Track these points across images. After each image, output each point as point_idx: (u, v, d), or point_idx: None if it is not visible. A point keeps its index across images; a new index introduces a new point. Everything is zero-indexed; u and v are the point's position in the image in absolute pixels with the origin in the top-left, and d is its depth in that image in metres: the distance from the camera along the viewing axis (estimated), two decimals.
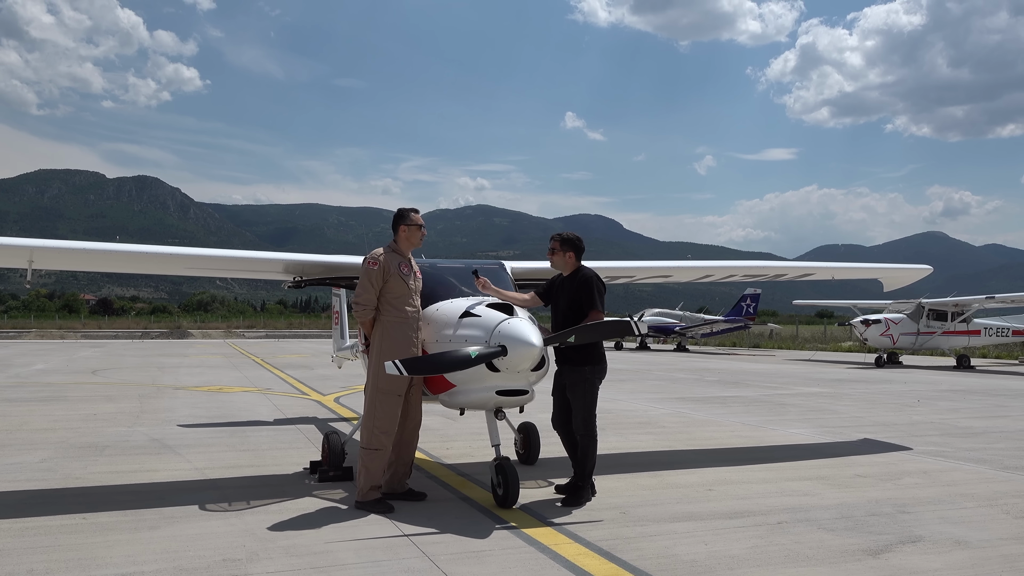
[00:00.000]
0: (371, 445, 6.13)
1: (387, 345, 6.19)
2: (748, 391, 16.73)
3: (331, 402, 14.19)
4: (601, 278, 6.62)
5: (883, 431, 10.63)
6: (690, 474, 7.57)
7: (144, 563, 4.75)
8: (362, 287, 6.28)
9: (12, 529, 5.49)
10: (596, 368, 6.48)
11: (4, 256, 7.98)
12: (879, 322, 26.88)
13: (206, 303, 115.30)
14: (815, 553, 5.04)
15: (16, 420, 11.31)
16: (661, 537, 5.37)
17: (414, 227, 6.51)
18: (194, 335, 57.98)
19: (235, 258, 8.57)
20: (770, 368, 25.16)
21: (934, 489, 6.98)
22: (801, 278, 11.32)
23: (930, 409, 13.48)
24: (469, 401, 6.07)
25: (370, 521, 5.74)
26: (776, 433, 10.48)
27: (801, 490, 6.88)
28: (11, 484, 7.04)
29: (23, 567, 4.66)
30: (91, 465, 7.92)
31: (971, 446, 9.43)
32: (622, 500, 6.43)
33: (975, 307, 26.97)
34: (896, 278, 12.16)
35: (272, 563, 4.75)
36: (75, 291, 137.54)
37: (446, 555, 4.92)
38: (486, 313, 6.02)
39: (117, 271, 9.64)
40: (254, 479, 7.34)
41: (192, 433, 10.19)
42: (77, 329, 61.79)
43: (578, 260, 6.73)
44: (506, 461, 6.09)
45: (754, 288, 40.39)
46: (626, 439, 9.81)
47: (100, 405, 13.31)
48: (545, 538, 5.31)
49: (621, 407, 13.29)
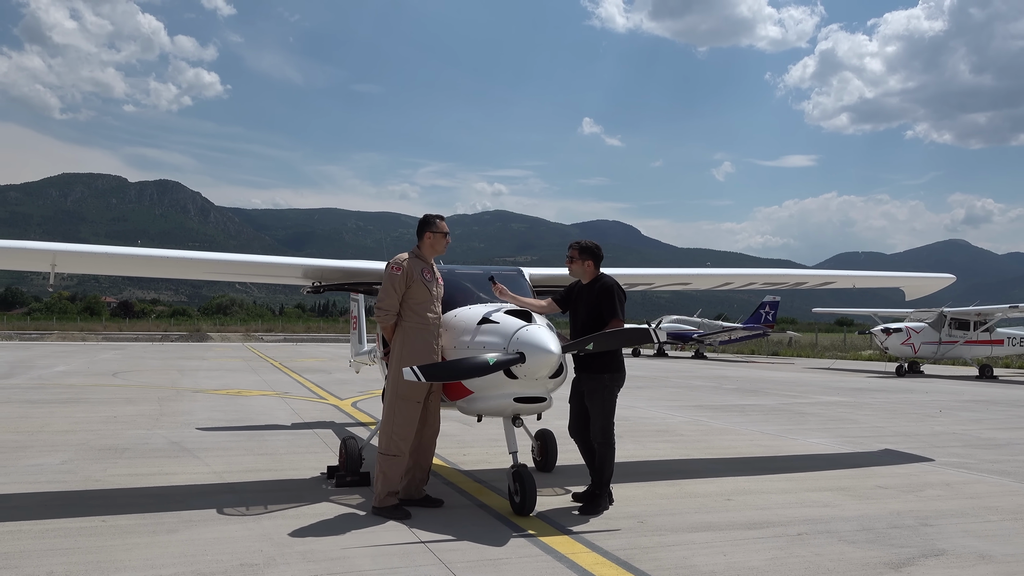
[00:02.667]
0: (389, 451, 6.13)
1: (407, 351, 6.18)
2: (767, 400, 16.60)
3: (349, 407, 14.22)
4: (621, 286, 6.60)
5: (904, 442, 10.51)
6: (708, 483, 7.51)
7: (162, 566, 4.77)
8: (385, 292, 6.29)
9: (32, 531, 5.54)
10: (615, 376, 6.45)
11: (28, 260, 8.08)
12: (900, 331, 26.62)
13: (225, 307, 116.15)
14: (836, 566, 4.98)
15: (37, 422, 11.42)
16: (679, 547, 5.33)
17: (439, 234, 6.51)
18: (213, 338, 58.38)
19: (255, 263, 8.64)
20: (789, 376, 24.96)
21: (957, 501, 6.89)
22: (822, 286, 11.21)
23: (952, 420, 13.32)
24: (487, 408, 6.06)
25: (387, 527, 5.74)
26: (795, 443, 10.38)
27: (821, 501, 6.81)
28: (32, 486, 7.10)
29: (43, 569, 4.69)
30: (111, 467, 7.98)
31: (995, 458, 9.30)
32: (640, 509, 6.39)
33: (998, 316, 26.63)
34: (918, 287, 12.03)
35: (289, 568, 4.76)
36: (97, 294, 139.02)
37: (463, 562, 4.90)
38: (504, 320, 6.00)
39: (138, 275, 9.73)
40: (272, 483, 7.36)
41: (211, 436, 10.24)
42: (98, 331, 62.45)
43: (597, 268, 6.71)
44: (523, 468, 6.07)
45: (773, 296, 40.16)
46: (644, 447, 9.75)
47: (120, 407, 13.42)
48: (562, 547, 5.28)
49: (639, 414, 13.22)
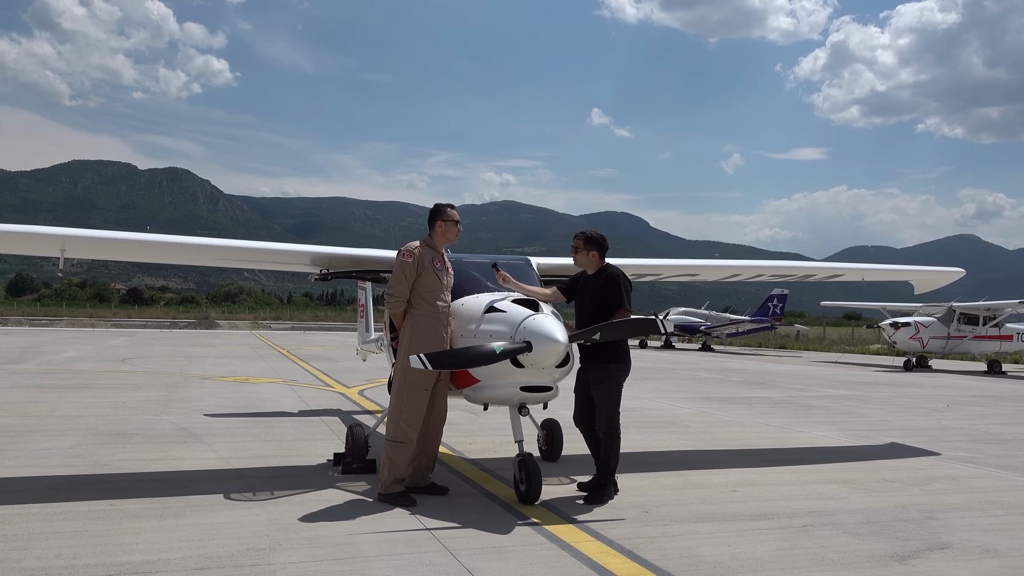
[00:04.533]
0: (396, 438, 6.16)
1: (416, 339, 6.19)
2: (773, 392, 16.58)
3: (355, 395, 14.27)
4: (628, 276, 6.59)
5: (911, 435, 10.48)
6: (714, 474, 7.51)
7: (169, 550, 4.80)
8: (395, 279, 6.30)
9: (41, 513, 5.58)
10: (621, 366, 6.45)
11: (38, 245, 8.13)
12: (908, 325, 26.52)
13: (234, 294, 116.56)
14: (840, 557, 4.98)
15: (47, 406, 11.50)
16: (684, 537, 5.34)
17: (450, 223, 6.51)
18: (222, 326, 58.59)
19: (264, 250, 8.67)
20: (796, 369, 24.92)
21: (963, 496, 6.87)
22: (830, 279, 11.16)
23: (960, 414, 13.28)
24: (493, 396, 6.08)
25: (392, 514, 5.76)
26: (801, 435, 10.37)
27: (827, 493, 6.80)
28: (41, 469, 7.16)
29: (51, 551, 4.73)
30: (119, 452, 8.03)
31: (1002, 452, 9.27)
32: (645, 499, 6.40)
33: (1007, 312, 26.50)
34: (927, 281, 11.97)
35: (295, 554, 4.79)
36: (106, 280, 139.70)
37: (467, 550, 4.92)
38: (511, 309, 6.00)
39: (148, 261, 9.78)
40: (278, 470, 7.40)
41: (218, 423, 10.30)
42: (107, 318, 62.73)
43: (602, 259, 6.70)
44: (529, 457, 6.08)
45: (781, 288, 40.03)
46: (649, 438, 9.76)
47: (129, 393, 13.50)
48: (567, 535, 5.29)
49: (645, 405, 13.23)
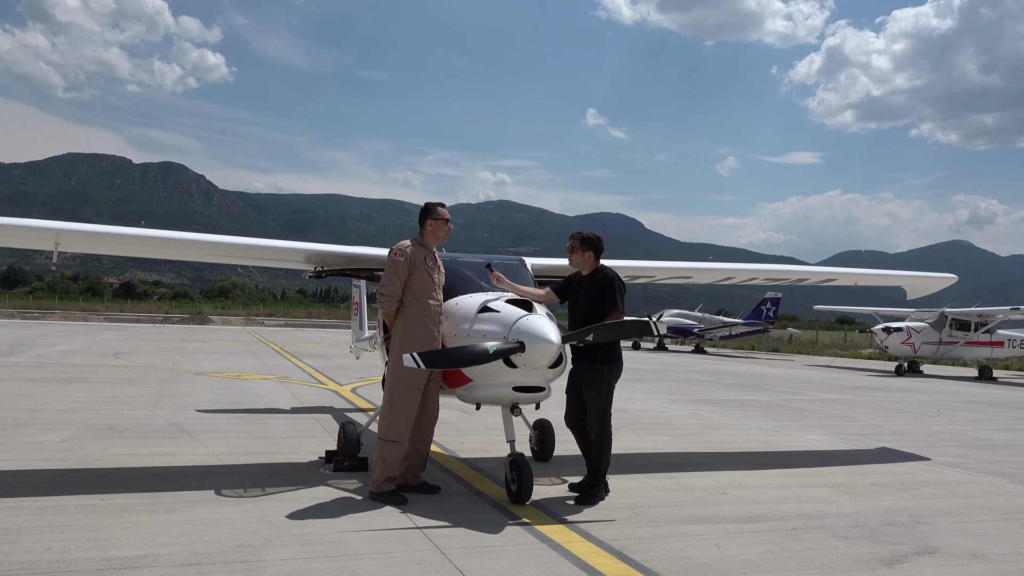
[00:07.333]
0: (388, 436, 6.16)
1: (408, 338, 6.20)
2: (765, 395, 16.62)
3: (348, 392, 14.26)
4: (621, 278, 6.61)
5: (901, 440, 10.53)
6: (705, 477, 7.54)
7: (159, 546, 4.80)
8: (387, 278, 6.31)
9: (32, 507, 5.57)
10: (613, 367, 6.47)
11: (31, 238, 8.10)
12: (900, 330, 26.62)
13: (227, 290, 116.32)
14: (829, 561, 5.00)
15: (38, 400, 11.46)
16: (674, 539, 5.35)
17: (441, 221, 6.53)
18: (214, 321, 58.44)
19: (258, 246, 8.66)
20: (788, 373, 24.99)
21: (952, 501, 6.91)
22: (824, 283, 11.21)
23: (950, 420, 13.34)
24: (486, 396, 6.08)
25: (384, 512, 5.77)
26: (793, 438, 10.41)
27: (816, 497, 6.83)
28: (32, 463, 7.13)
29: (41, 545, 4.72)
30: (110, 447, 8.02)
31: (991, 458, 9.32)
32: (635, 500, 6.42)
33: (999, 318, 26.63)
34: (920, 286, 12.03)
35: (285, 550, 4.79)
36: (99, 274, 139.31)
37: (458, 549, 4.93)
38: (505, 309, 6.01)
39: (141, 256, 9.76)
40: (270, 466, 7.39)
41: (210, 418, 10.28)
42: (100, 312, 62.50)
43: (597, 259, 6.72)
44: (520, 457, 6.09)
45: (775, 292, 40.16)
46: (641, 439, 9.78)
47: (120, 388, 13.46)
48: (557, 535, 5.31)
49: (637, 407, 13.25)
